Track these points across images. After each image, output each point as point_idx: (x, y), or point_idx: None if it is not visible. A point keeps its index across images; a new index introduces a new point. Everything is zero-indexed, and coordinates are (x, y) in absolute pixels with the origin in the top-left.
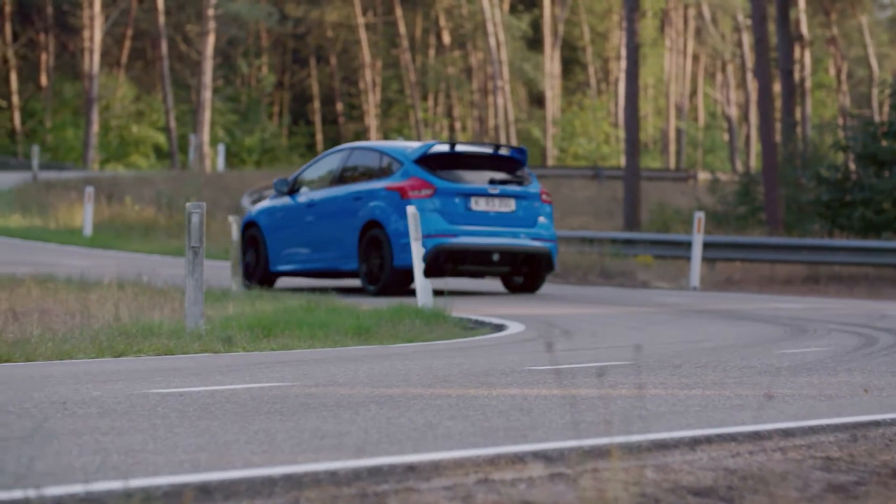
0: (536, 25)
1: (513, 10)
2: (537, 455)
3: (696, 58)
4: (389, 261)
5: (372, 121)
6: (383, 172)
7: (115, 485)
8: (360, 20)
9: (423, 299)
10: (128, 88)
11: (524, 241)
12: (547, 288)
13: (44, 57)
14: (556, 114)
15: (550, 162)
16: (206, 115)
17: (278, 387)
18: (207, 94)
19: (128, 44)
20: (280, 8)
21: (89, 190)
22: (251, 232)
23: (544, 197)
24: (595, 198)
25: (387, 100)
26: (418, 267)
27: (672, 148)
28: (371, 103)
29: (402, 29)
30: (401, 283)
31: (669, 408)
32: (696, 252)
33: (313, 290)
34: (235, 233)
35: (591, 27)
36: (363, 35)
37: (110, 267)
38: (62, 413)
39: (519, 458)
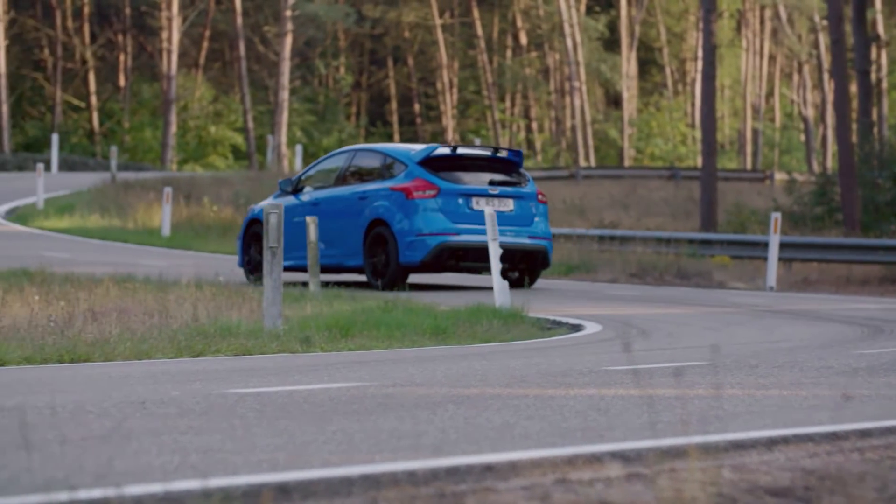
0: (613, 26)
1: (589, 11)
2: (615, 455)
3: (772, 58)
4: (395, 257)
5: (449, 121)
6: (388, 173)
7: (193, 484)
8: (438, 21)
9: (501, 299)
10: (206, 89)
11: (522, 240)
12: (623, 288)
13: (122, 58)
14: (633, 114)
15: (627, 163)
16: (284, 116)
17: (356, 387)
18: (285, 95)
19: (206, 45)
20: (357, 9)
21: (167, 190)
22: (254, 229)
23: (540, 197)
24: (672, 198)
25: (464, 101)
26: (496, 268)
27: (748, 148)
28: (448, 104)
29: (479, 30)
30: (404, 278)
31: (746, 408)
32: (773, 252)
33: (325, 284)
34: (312, 233)
35: (667, 28)
36: (440, 36)
37: (188, 267)
38: (141, 413)
39: (596, 458)
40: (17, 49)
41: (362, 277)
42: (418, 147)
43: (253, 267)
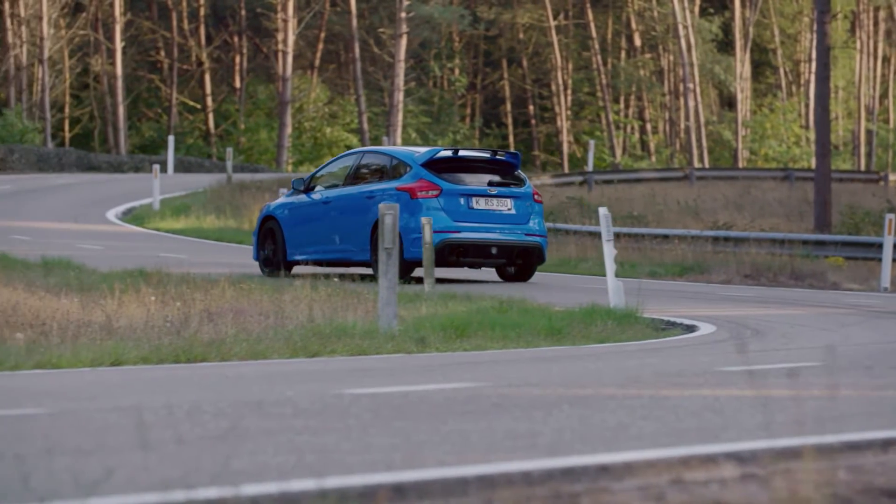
0: (727, 28)
1: (703, 12)
2: (729, 455)
3: (886, 60)
4: (400, 253)
5: (563, 123)
6: (393, 174)
7: (309, 484)
8: (552, 22)
9: (615, 300)
10: (321, 91)
11: (519, 237)
12: (737, 289)
13: (237, 60)
14: (747, 116)
15: (741, 164)
16: (399, 118)
17: (471, 387)
18: (400, 97)
19: (321, 46)
20: (472, 10)
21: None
22: (269, 225)
23: (536, 197)
24: (785, 199)
25: (578, 102)
26: (610, 268)
27: (862, 150)
28: (562, 106)
29: (594, 31)
30: (409, 273)
31: (862, 409)
32: (887, 254)
33: (328, 275)
34: (428, 234)
35: (781, 29)
36: (555, 37)
37: (304, 268)
38: (257, 412)
39: (711, 459)
40: (134, 51)
41: (369, 271)
42: (422, 149)
43: (266, 261)
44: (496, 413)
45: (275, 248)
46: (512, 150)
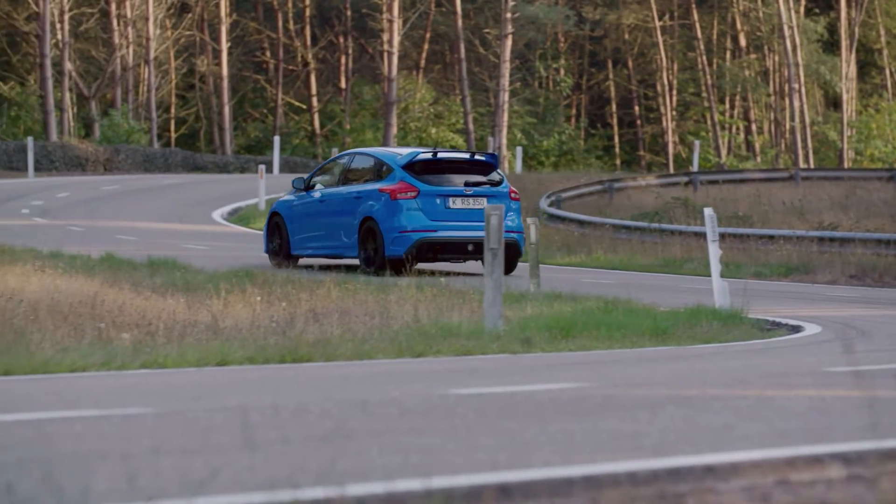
0: (832, 28)
1: (808, 12)
2: (835, 456)
3: None
4: (382, 250)
5: (668, 124)
6: (378, 175)
7: (414, 484)
8: (657, 23)
9: (720, 300)
10: (426, 91)
11: None
12: (843, 290)
13: (343, 60)
14: (853, 116)
15: (846, 164)
16: (504, 118)
17: (576, 388)
18: (505, 97)
19: (426, 47)
20: (577, 11)
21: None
22: (275, 220)
23: (512, 195)
24: (892, 200)
25: (683, 103)
26: (715, 268)
27: None
28: (668, 106)
29: (699, 32)
30: (390, 268)
31: None
32: None
33: (327, 268)
34: (534, 234)
35: (887, 30)
36: (660, 38)
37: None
38: (362, 413)
39: (817, 460)
40: (240, 51)
41: (356, 262)
42: (405, 151)
43: (274, 253)
44: (601, 413)
45: (281, 241)
46: (490, 151)
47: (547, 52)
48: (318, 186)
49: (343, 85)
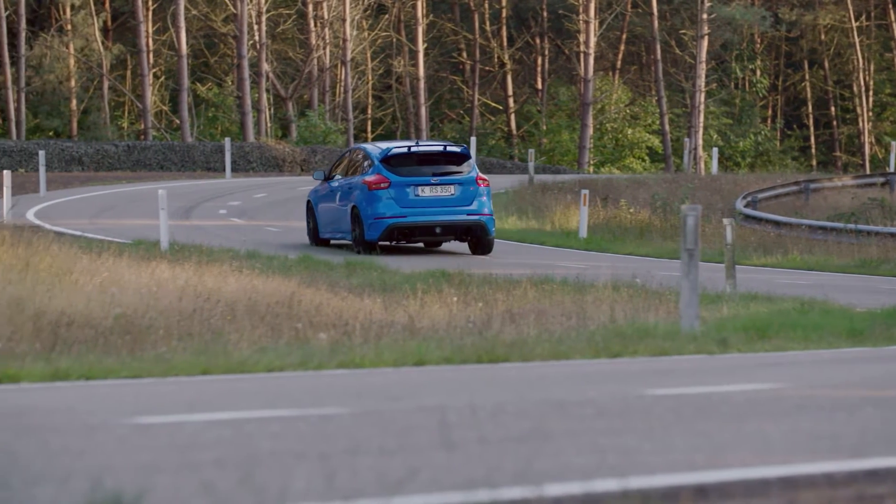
0: None
1: None
2: None
3: None
4: (362, 234)
5: (864, 125)
6: (365, 168)
7: (611, 484)
8: (853, 23)
9: None
10: (622, 92)
11: (460, 217)
12: None
13: (539, 61)
14: None
15: None
16: (700, 119)
17: (773, 388)
18: (701, 98)
19: (622, 48)
20: (774, 11)
21: (584, 192)
22: (309, 207)
23: (479, 182)
24: None
25: (880, 103)
26: None
27: None
28: (864, 107)
29: (895, 32)
30: (370, 249)
31: None
32: None
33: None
34: (729, 235)
35: None
36: (856, 38)
37: (605, 269)
38: (559, 413)
39: None
40: (436, 52)
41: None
42: (384, 146)
43: (310, 235)
44: (798, 414)
45: (313, 225)
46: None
47: (743, 53)
48: (335, 177)
49: (539, 86)
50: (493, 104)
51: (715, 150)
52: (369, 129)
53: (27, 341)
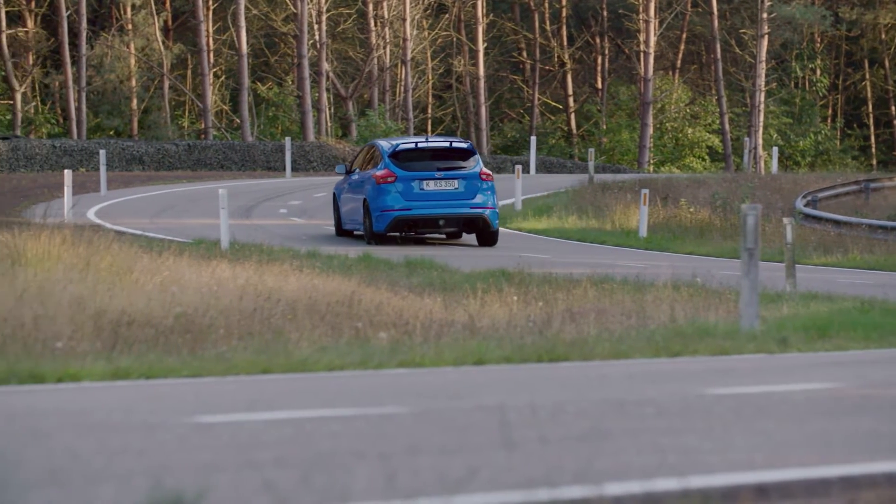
0: None
1: None
2: None
3: None
4: (370, 226)
5: None
6: (376, 163)
7: (671, 484)
8: None
9: None
10: (682, 91)
11: (463, 210)
12: None
13: (599, 60)
14: None
15: None
16: (760, 118)
17: (833, 388)
18: (761, 97)
19: (682, 47)
20: (834, 11)
21: (644, 192)
22: (334, 199)
23: (483, 176)
24: None
25: None
26: None
27: None
28: None
29: None
30: (381, 240)
31: None
32: None
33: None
34: (789, 234)
35: None
36: None
37: (665, 268)
38: (619, 412)
39: None
40: (496, 52)
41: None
42: (395, 141)
43: (336, 226)
44: (858, 414)
45: (337, 217)
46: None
47: (803, 52)
48: (356, 170)
49: (599, 85)
50: (553, 103)
51: (775, 149)
52: (430, 128)
53: (88, 340)
